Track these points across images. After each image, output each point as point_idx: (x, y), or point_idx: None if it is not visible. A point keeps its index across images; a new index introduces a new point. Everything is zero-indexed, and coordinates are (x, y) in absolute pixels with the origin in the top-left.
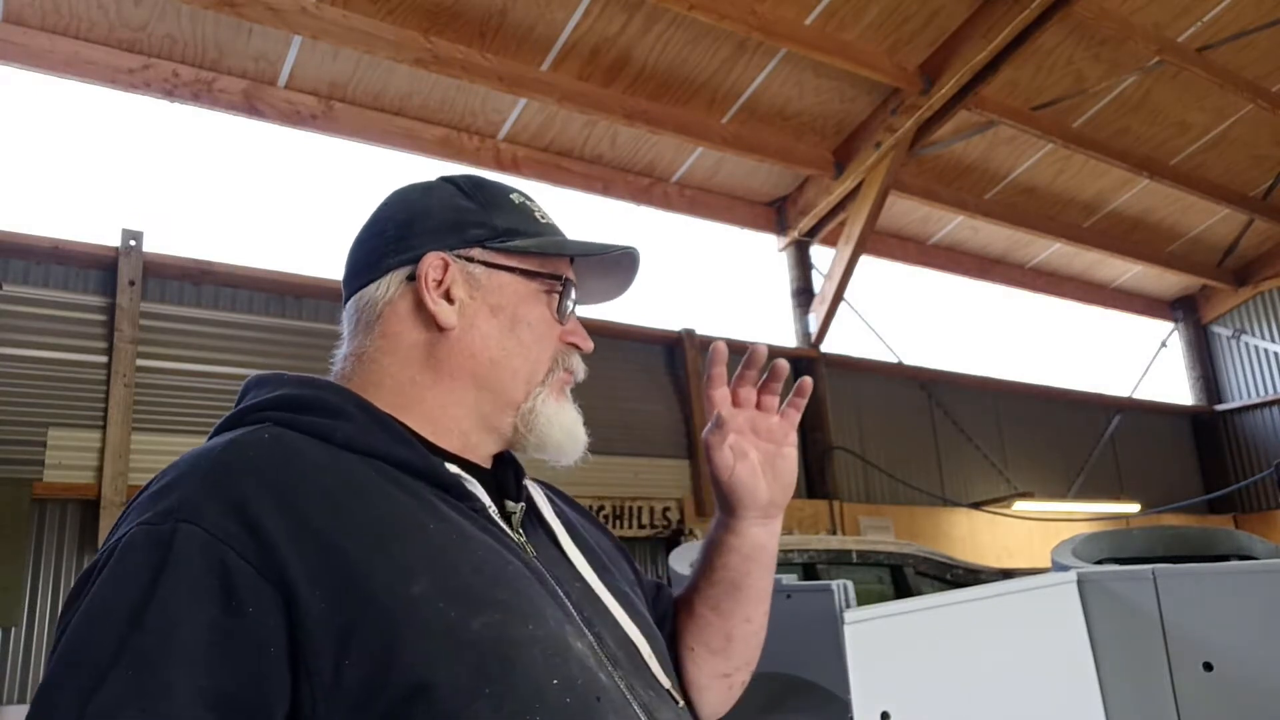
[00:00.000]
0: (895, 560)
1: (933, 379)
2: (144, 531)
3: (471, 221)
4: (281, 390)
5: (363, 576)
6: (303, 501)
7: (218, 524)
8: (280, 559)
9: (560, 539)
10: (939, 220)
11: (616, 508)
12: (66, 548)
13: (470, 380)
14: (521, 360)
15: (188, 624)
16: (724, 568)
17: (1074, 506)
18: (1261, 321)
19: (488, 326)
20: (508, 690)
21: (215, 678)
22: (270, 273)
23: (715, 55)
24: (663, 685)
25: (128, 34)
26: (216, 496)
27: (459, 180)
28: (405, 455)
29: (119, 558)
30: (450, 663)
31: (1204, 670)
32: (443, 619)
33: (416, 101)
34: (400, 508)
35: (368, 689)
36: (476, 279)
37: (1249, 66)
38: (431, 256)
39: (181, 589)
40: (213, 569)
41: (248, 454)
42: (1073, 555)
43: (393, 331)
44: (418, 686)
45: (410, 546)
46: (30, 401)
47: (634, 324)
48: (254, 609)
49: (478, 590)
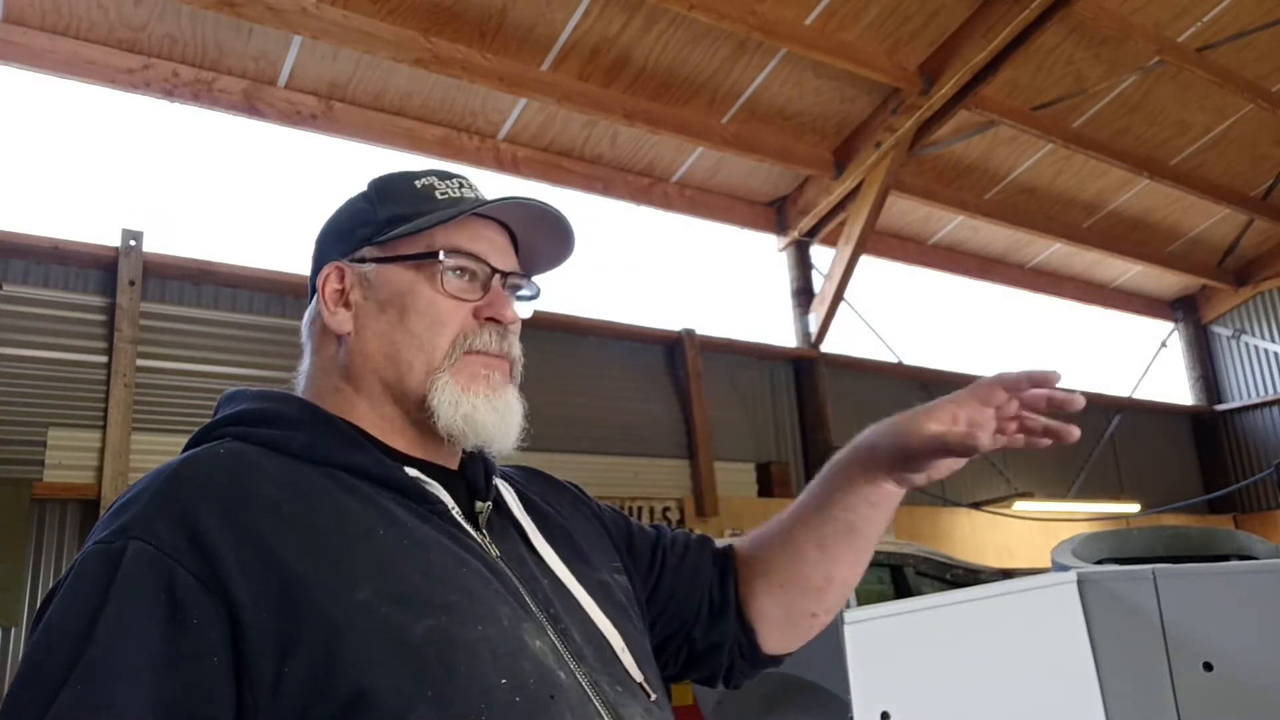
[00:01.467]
0: (895, 560)
1: (933, 379)
2: (98, 550)
3: (359, 222)
4: (242, 405)
5: (305, 585)
6: (249, 513)
7: (166, 540)
8: (223, 571)
9: (530, 535)
10: (939, 220)
11: (616, 508)
12: (66, 548)
13: (377, 382)
14: (414, 350)
15: (135, 637)
16: (848, 510)
17: (1074, 506)
18: (1261, 321)
19: (377, 324)
20: (452, 693)
21: (161, 689)
22: (270, 273)
23: (715, 55)
24: (634, 679)
25: (128, 34)
26: (166, 513)
27: (373, 183)
28: (360, 462)
29: (75, 576)
30: (392, 668)
31: (1204, 670)
32: (386, 625)
33: (416, 101)
34: (349, 515)
35: (308, 697)
36: (369, 279)
37: (1249, 66)
38: (327, 268)
39: (129, 603)
40: (160, 583)
41: (200, 470)
42: (1073, 555)
43: (317, 347)
44: (358, 693)
45: (356, 553)
46: (30, 401)
47: (634, 324)
48: (198, 620)
49: (425, 593)
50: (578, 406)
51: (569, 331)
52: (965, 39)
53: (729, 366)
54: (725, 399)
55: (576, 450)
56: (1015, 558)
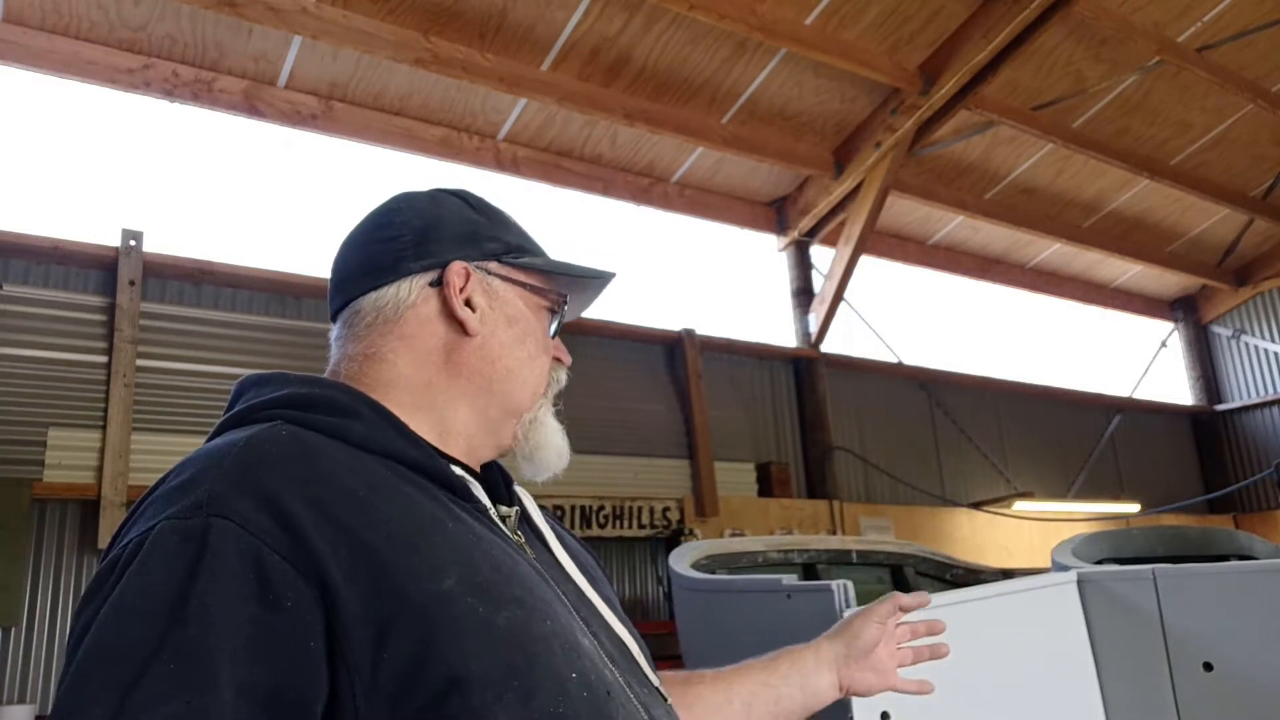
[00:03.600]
0: (895, 560)
1: (933, 379)
2: (173, 526)
3: (486, 235)
4: (289, 389)
5: (395, 573)
6: (329, 497)
7: (250, 518)
8: (315, 555)
9: (551, 544)
10: (939, 220)
11: (616, 508)
12: (66, 548)
13: (485, 386)
14: (530, 371)
15: (227, 618)
16: (787, 691)
17: (1074, 506)
18: (1261, 321)
19: (505, 335)
20: (534, 684)
21: (257, 672)
22: (270, 273)
23: (715, 55)
24: (652, 683)
25: (128, 34)
26: (245, 490)
27: (463, 194)
28: (416, 456)
29: (149, 552)
30: (481, 657)
31: (1204, 670)
32: (471, 615)
33: (416, 101)
34: (418, 505)
35: (405, 683)
36: (495, 291)
37: (1249, 66)
38: (457, 265)
39: (219, 584)
40: (247, 564)
41: (269, 449)
42: (1073, 555)
43: (411, 334)
44: (452, 680)
45: (434, 543)
46: (30, 401)
47: (634, 324)
48: (292, 604)
49: (498, 587)
50: (578, 406)
51: (569, 331)
52: (965, 39)
53: (729, 366)
54: (725, 399)
55: (576, 450)
56: (1015, 558)
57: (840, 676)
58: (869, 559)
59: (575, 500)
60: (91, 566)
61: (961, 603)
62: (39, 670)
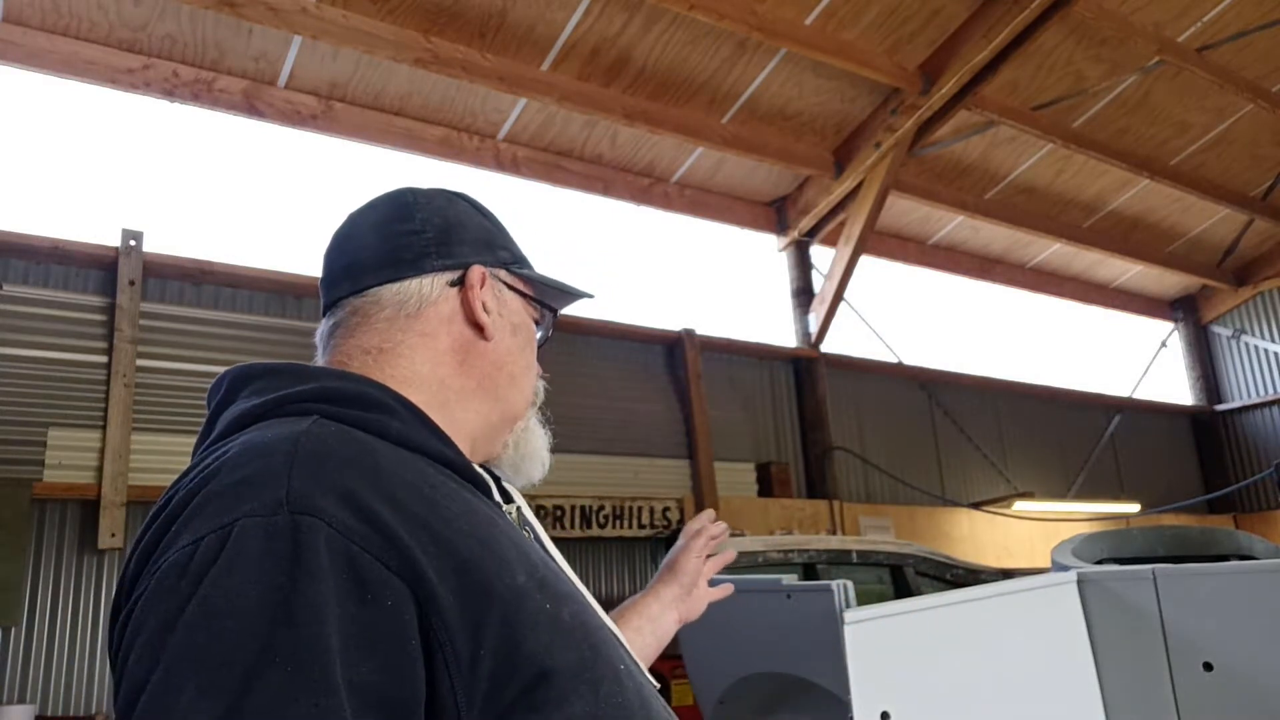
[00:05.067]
0: (895, 560)
1: (933, 379)
2: (257, 523)
3: (499, 243)
4: (317, 382)
5: (477, 569)
6: (402, 495)
7: (336, 516)
8: (406, 552)
9: (544, 540)
10: (939, 220)
11: (616, 508)
12: (66, 548)
13: (492, 391)
14: (528, 379)
15: (333, 619)
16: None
17: (1074, 506)
18: (1261, 321)
19: (510, 343)
20: (600, 674)
21: (365, 671)
22: (270, 273)
23: (715, 55)
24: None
25: (128, 34)
26: (325, 488)
27: (467, 198)
28: (450, 454)
29: (235, 550)
30: (559, 649)
31: (1204, 670)
32: (543, 609)
33: (416, 101)
34: (475, 503)
35: (499, 678)
36: (503, 298)
37: (1249, 66)
38: (478, 268)
39: (320, 582)
40: (340, 563)
41: (330, 445)
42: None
43: (430, 332)
44: (541, 673)
45: (499, 540)
46: (30, 401)
47: (634, 324)
48: (391, 602)
49: (553, 582)
50: (578, 406)
51: (569, 331)
52: (965, 39)
53: (729, 366)
54: (725, 399)
55: (577, 450)
56: (1015, 558)
57: (679, 613)
58: (869, 559)
59: (575, 500)
60: (92, 566)
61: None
62: (39, 670)
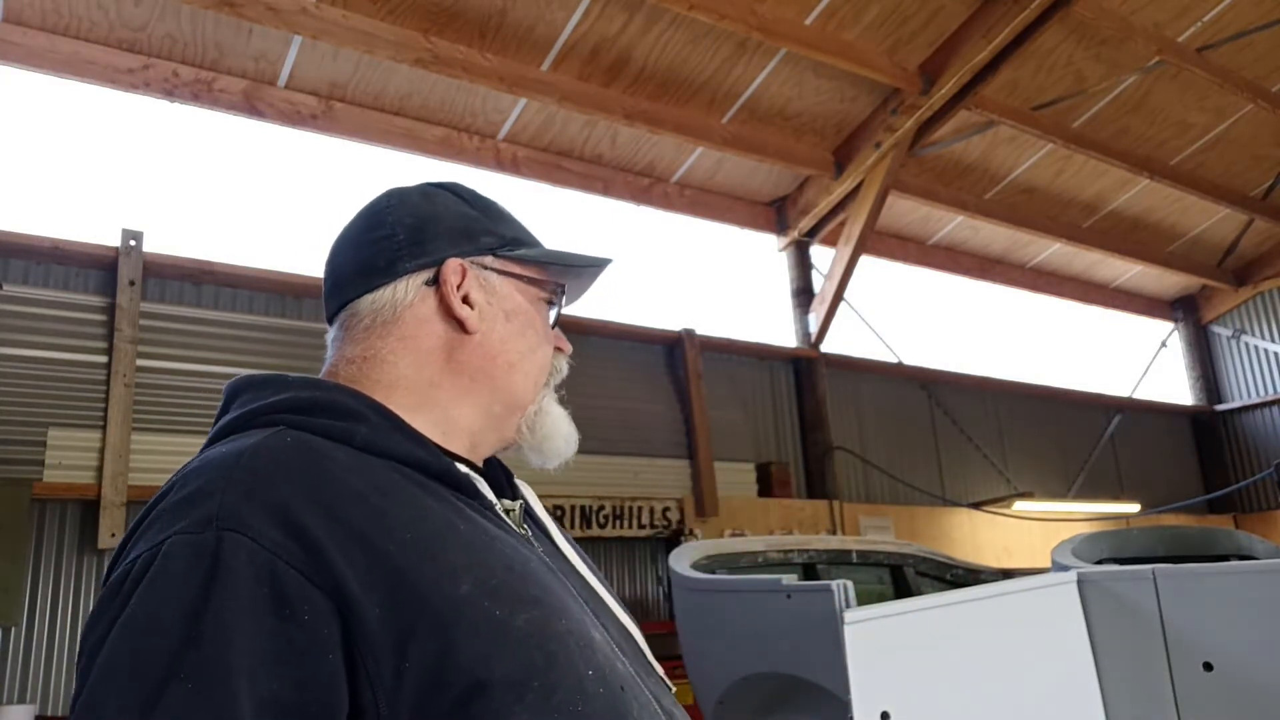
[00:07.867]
0: (895, 560)
1: (933, 379)
2: (184, 541)
3: (481, 230)
4: (289, 393)
5: (412, 580)
6: (340, 505)
7: (262, 532)
8: (330, 566)
9: (555, 536)
10: (939, 220)
11: (616, 508)
12: (66, 548)
13: (488, 383)
14: (531, 363)
15: (244, 634)
16: None
17: (1074, 506)
18: (1261, 321)
19: (504, 330)
20: (553, 682)
21: (276, 687)
22: (270, 273)
23: (715, 55)
24: (657, 672)
25: (128, 34)
26: (256, 503)
27: (455, 188)
28: (422, 456)
29: (160, 568)
30: (503, 659)
31: (1204, 670)
32: (489, 617)
33: (416, 101)
34: (428, 509)
35: (428, 690)
36: (492, 285)
37: (1249, 66)
38: (453, 262)
39: (234, 600)
40: (262, 578)
41: (277, 458)
42: (1073, 555)
43: (410, 334)
44: (475, 685)
45: (449, 547)
46: (30, 401)
47: (634, 324)
48: (309, 616)
49: (514, 587)
50: (577, 406)
51: (569, 331)
52: (965, 39)
53: (729, 366)
54: (725, 399)
55: (577, 450)
56: (1015, 558)
57: None
58: (869, 559)
59: (575, 500)
60: (92, 566)
61: (961, 603)
62: (39, 670)
